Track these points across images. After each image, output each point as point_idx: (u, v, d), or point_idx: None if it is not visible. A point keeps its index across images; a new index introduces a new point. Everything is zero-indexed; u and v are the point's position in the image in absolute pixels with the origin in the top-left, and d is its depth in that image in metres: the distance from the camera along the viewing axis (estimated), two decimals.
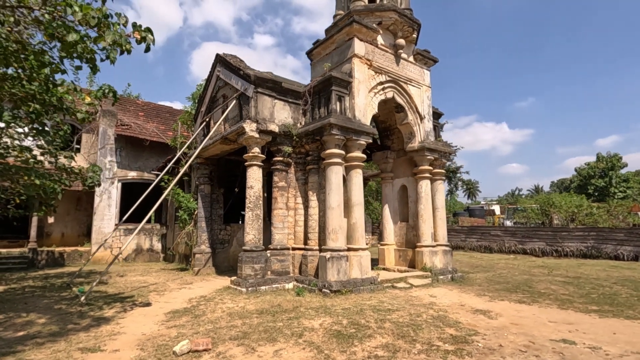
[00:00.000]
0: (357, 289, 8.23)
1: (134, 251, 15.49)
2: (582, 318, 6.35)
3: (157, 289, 8.69)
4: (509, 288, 9.18)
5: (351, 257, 8.65)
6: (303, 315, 6.16)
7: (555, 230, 19.04)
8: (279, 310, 6.52)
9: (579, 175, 51.19)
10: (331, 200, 8.55)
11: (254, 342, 4.85)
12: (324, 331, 5.29)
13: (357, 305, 6.82)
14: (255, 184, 9.12)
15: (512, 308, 7.07)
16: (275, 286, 8.70)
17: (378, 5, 10.17)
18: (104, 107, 15.59)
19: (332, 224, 8.48)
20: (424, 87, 11.14)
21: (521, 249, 19.77)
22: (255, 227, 8.96)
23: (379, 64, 9.89)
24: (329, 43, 10.15)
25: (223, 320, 5.90)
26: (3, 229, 15.50)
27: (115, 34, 4.67)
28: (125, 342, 4.86)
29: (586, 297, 8.16)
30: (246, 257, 8.67)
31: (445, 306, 7.06)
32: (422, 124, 10.97)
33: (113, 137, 15.31)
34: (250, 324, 5.66)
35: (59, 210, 16.28)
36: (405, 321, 5.80)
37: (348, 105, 9.20)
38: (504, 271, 12.53)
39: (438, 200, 11.23)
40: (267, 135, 9.17)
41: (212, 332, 5.30)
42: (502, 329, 5.55)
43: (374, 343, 4.79)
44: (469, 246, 22.29)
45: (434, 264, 10.42)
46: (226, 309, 6.66)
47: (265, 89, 9.31)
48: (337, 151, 8.66)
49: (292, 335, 5.13)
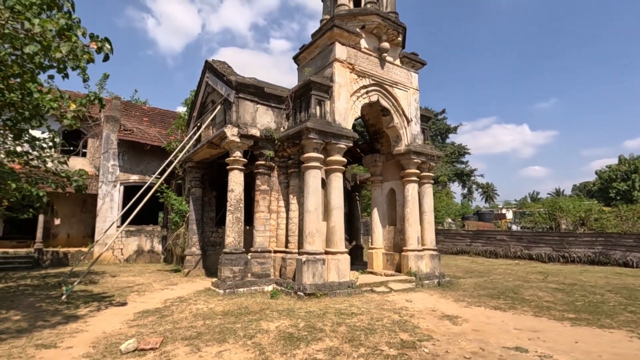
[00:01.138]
0: (333, 292, 8.24)
1: (135, 252, 15.95)
2: (552, 326, 6.17)
3: (140, 290, 8.95)
4: (494, 294, 8.99)
5: (329, 260, 8.68)
6: (265, 318, 6.24)
7: (562, 235, 18.44)
8: (245, 312, 6.62)
9: (600, 179, 49.35)
10: (308, 203, 8.62)
11: (203, 342, 4.96)
12: (276, 334, 5.35)
13: (323, 309, 6.85)
14: (236, 187, 9.28)
15: (484, 314, 6.94)
16: (254, 288, 8.82)
17: (361, 10, 10.21)
18: (108, 114, 16.18)
19: (309, 227, 8.54)
20: (412, 90, 11.08)
21: (527, 254, 19.24)
22: (235, 230, 9.12)
23: (362, 68, 9.91)
24: (313, 48, 10.26)
25: (186, 321, 6.05)
26: (13, 230, 16.26)
27: (70, 45, 4.90)
28: (83, 340, 5.07)
29: (570, 304, 7.91)
30: (225, 260, 8.83)
31: (415, 311, 7.00)
32: (409, 127, 10.90)
33: (116, 142, 15.85)
34: (210, 325, 5.79)
35: (65, 213, 16.99)
36: (363, 325, 5.79)
37: (328, 109, 9.26)
38: (499, 277, 12.25)
39: (426, 204, 11.11)
40: (248, 140, 9.33)
41: (169, 331, 5.45)
42: (459, 335, 5.47)
43: (318, 346, 4.82)
44: (474, 251, 21.82)
45: (419, 268, 10.31)
46: (194, 310, 6.81)
47: (247, 94, 9.49)
48: (315, 155, 8.72)
49: (244, 336, 5.21)
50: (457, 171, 53.64)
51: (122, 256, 15.63)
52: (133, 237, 15.92)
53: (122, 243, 15.68)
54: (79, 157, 16.87)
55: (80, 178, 8.84)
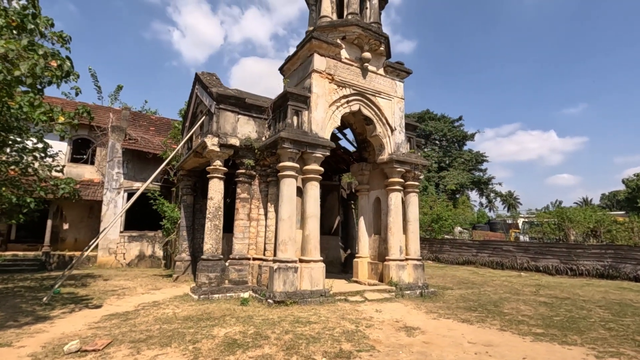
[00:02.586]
0: (304, 300, 8.30)
1: (137, 257, 16.51)
2: (510, 340, 6.00)
3: (122, 293, 9.30)
4: (473, 307, 8.79)
5: (302, 268, 8.75)
6: (221, 324, 6.38)
7: (569, 247, 17.71)
8: (205, 318, 6.79)
9: (628, 187, 47.00)
10: (282, 211, 8.75)
11: (147, 346, 5.15)
12: (221, 340, 5.48)
13: (283, 317, 6.92)
14: (215, 195, 9.54)
15: (447, 327, 6.82)
16: (230, 295, 8.99)
17: (342, 21, 10.36)
18: (114, 124, 16.96)
19: (281, 235, 8.66)
20: (396, 99, 11.08)
21: (534, 266, 18.57)
22: (213, 237, 9.36)
23: (342, 78, 10.03)
24: (296, 59, 10.48)
25: (144, 325, 6.27)
26: (26, 234, 17.19)
27: (28, 63, 5.29)
28: (38, 340, 5.36)
29: (546, 319, 7.65)
30: (202, 266, 9.06)
31: (377, 322, 6.96)
32: (393, 135, 10.89)
33: (121, 151, 16.57)
34: (165, 329, 5.98)
35: (73, 218, 17.82)
36: (311, 334, 5.83)
37: (306, 119, 9.41)
38: (490, 289, 11.91)
39: (410, 213, 11.02)
40: (228, 149, 9.60)
41: (122, 334, 5.68)
42: (405, 347, 5.42)
43: (254, 353, 4.91)
44: (480, 261, 21.24)
45: (400, 278, 10.20)
46: (159, 315, 7.04)
47: (228, 105, 9.78)
48: (290, 164, 8.86)
49: (189, 341, 5.37)
50: (475, 179, 52.41)
51: (125, 260, 16.21)
52: (135, 243, 16.49)
53: (124, 248, 16.27)
54: (87, 165, 17.72)
55: (67, 186, 9.34)
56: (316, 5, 11.23)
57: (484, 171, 56.67)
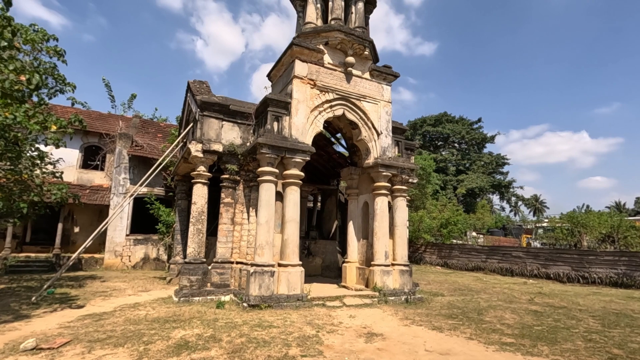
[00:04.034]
0: (279, 305, 8.35)
1: (142, 260, 17.05)
2: (472, 349, 5.83)
3: (110, 294, 9.66)
4: (454, 314, 8.56)
5: (280, 272, 8.81)
6: (184, 326, 6.53)
7: (581, 253, 16.89)
8: (173, 320, 6.96)
9: None
10: (260, 216, 8.86)
11: (101, 345, 5.35)
12: (175, 341, 5.61)
13: (247, 320, 6.99)
14: (199, 200, 9.78)
15: (413, 334, 6.69)
16: (211, 298, 9.16)
17: (325, 27, 10.43)
18: (122, 131, 17.66)
19: (259, 239, 8.76)
20: (382, 103, 11.00)
21: (544, 272, 17.83)
22: (195, 241, 9.58)
23: (324, 83, 10.07)
24: (280, 66, 10.62)
25: (111, 325, 6.51)
26: (40, 237, 18.12)
27: None
28: (6, 338, 5.67)
29: (525, 328, 7.36)
30: (184, 269, 9.29)
31: (344, 327, 6.91)
32: (379, 139, 10.81)
33: (127, 157, 17.23)
34: (128, 330, 6.19)
35: (84, 222, 18.62)
36: (265, 338, 5.87)
37: (286, 124, 9.51)
38: (485, 296, 11.54)
39: (398, 218, 10.88)
40: (211, 155, 9.82)
41: (85, 334, 5.92)
42: (354, 353, 5.37)
43: (198, 356, 5.01)
44: (489, 267, 20.58)
45: (384, 283, 10.07)
46: (132, 316, 7.27)
47: (212, 112, 10.02)
48: (268, 169, 8.97)
49: (143, 342, 5.54)
50: (495, 182, 50.82)
51: (130, 263, 16.78)
52: (140, 246, 17.05)
53: (130, 251, 16.85)
54: (97, 170, 18.52)
55: (59, 192, 9.78)
56: (303, 12, 11.36)
57: (505, 174, 54.96)
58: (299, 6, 11.56)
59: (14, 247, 16.36)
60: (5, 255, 15.20)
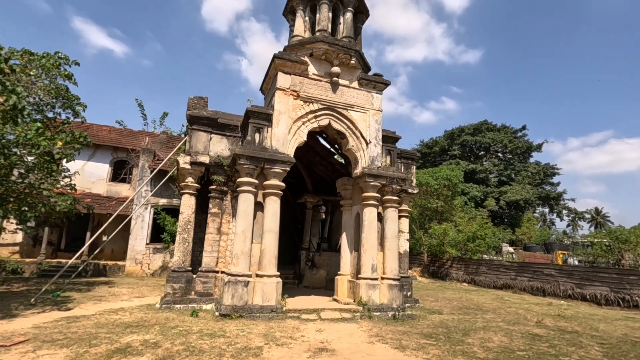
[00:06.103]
0: (251, 315, 8.33)
1: (160, 267, 17.89)
2: None
3: (105, 299, 10.22)
4: (436, 333, 8.00)
5: (255, 283, 8.81)
6: (140, 331, 6.73)
7: (621, 272, 15.05)
8: (137, 325, 7.20)
9: None
10: (237, 226, 8.97)
11: (49, 346, 5.67)
12: (118, 346, 5.80)
13: (204, 329, 7.05)
14: (185, 210, 10.13)
15: (369, 352, 6.35)
16: (192, 306, 9.35)
17: (310, 38, 10.51)
18: (146, 147, 18.90)
19: (235, 249, 8.86)
20: (372, 112, 10.77)
21: (579, 293, 16.10)
22: (181, 250, 9.89)
23: (308, 94, 10.10)
24: (268, 79, 10.84)
25: (77, 328, 6.87)
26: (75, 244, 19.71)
27: None
28: None
29: (504, 353, 6.70)
30: (169, 277, 9.61)
31: (301, 341, 6.72)
32: (367, 149, 10.56)
33: (149, 170, 18.34)
34: (87, 333, 6.50)
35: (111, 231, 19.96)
36: (203, 347, 5.87)
37: (268, 135, 9.63)
38: (489, 316, 10.63)
39: (388, 229, 10.46)
40: (199, 167, 10.18)
41: (47, 335, 6.31)
42: None
43: None
44: (519, 286, 18.94)
45: (370, 298, 9.67)
46: (104, 320, 7.62)
47: (201, 125, 10.43)
48: (246, 179, 9.10)
49: (90, 345, 5.78)
50: (542, 194, 47.09)
51: (149, 270, 17.67)
52: (159, 254, 17.92)
53: (149, 259, 17.77)
54: (124, 183, 19.90)
55: (63, 203, 10.60)
56: (293, 25, 11.55)
57: (555, 185, 50.79)
58: (290, 20, 11.78)
59: (49, 253, 17.95)
60: (40, 260, 16.72)
